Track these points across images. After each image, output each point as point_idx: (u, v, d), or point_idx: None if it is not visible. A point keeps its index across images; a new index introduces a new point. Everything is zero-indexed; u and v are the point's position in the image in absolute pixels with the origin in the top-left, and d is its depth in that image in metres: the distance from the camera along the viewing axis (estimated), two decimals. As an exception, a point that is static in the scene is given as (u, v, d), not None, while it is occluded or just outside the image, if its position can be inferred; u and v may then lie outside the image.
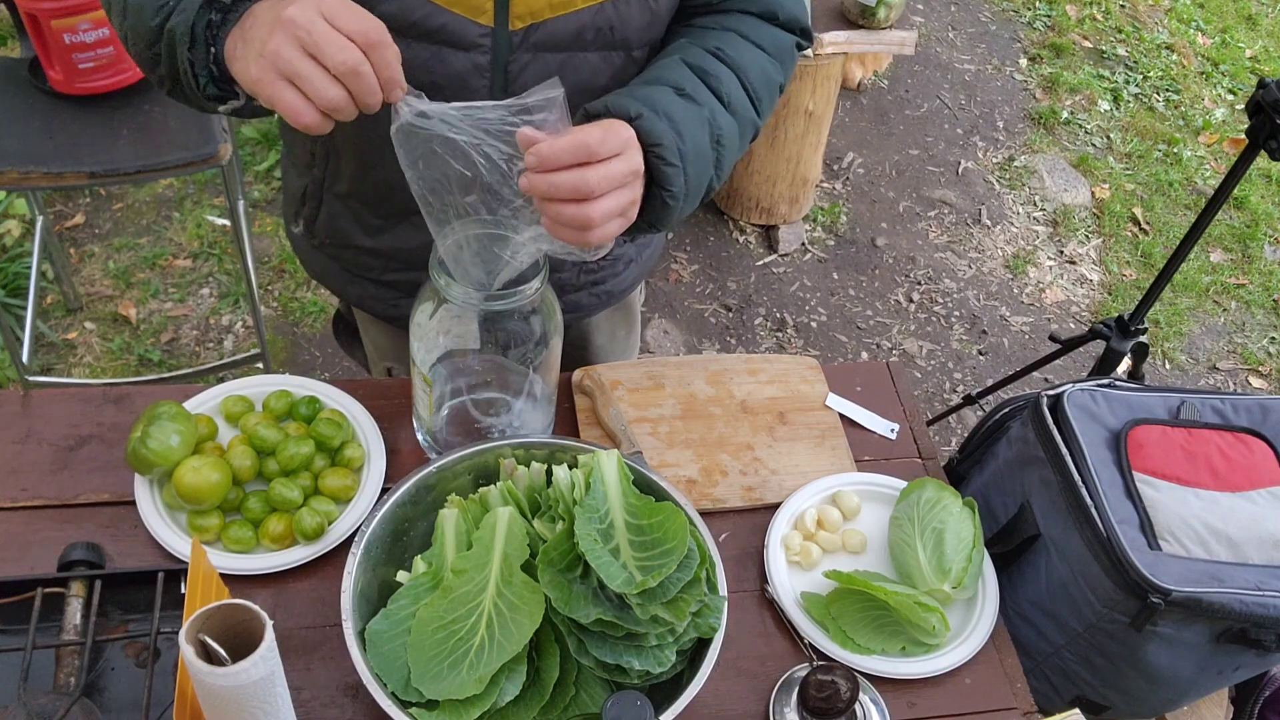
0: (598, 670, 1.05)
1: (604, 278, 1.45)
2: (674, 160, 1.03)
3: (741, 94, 1.14)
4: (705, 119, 1.07)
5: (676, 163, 1.03)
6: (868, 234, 3.31)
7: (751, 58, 1.15)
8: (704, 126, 1.07)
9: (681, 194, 1.05)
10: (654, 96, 1.04)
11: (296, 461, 1.25)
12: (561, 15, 1.08)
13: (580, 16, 1.09)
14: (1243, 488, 1.30)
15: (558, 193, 0.94)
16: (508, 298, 1.11)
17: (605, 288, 1.46)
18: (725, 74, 1.12)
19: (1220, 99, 4.04)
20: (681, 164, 1.04)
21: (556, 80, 0.95)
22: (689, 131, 1.05)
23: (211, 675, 0.85)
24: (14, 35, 3.14)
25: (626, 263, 1.46)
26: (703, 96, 1.09)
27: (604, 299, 1.48)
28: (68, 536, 1.19)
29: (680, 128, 1.03)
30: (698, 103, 1.07)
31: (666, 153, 1.02)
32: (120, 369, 2.61)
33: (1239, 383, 3.10)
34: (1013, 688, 1.23)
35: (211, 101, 1.00)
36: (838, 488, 1.38)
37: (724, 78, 1.12)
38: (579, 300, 1.45)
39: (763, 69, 1.16)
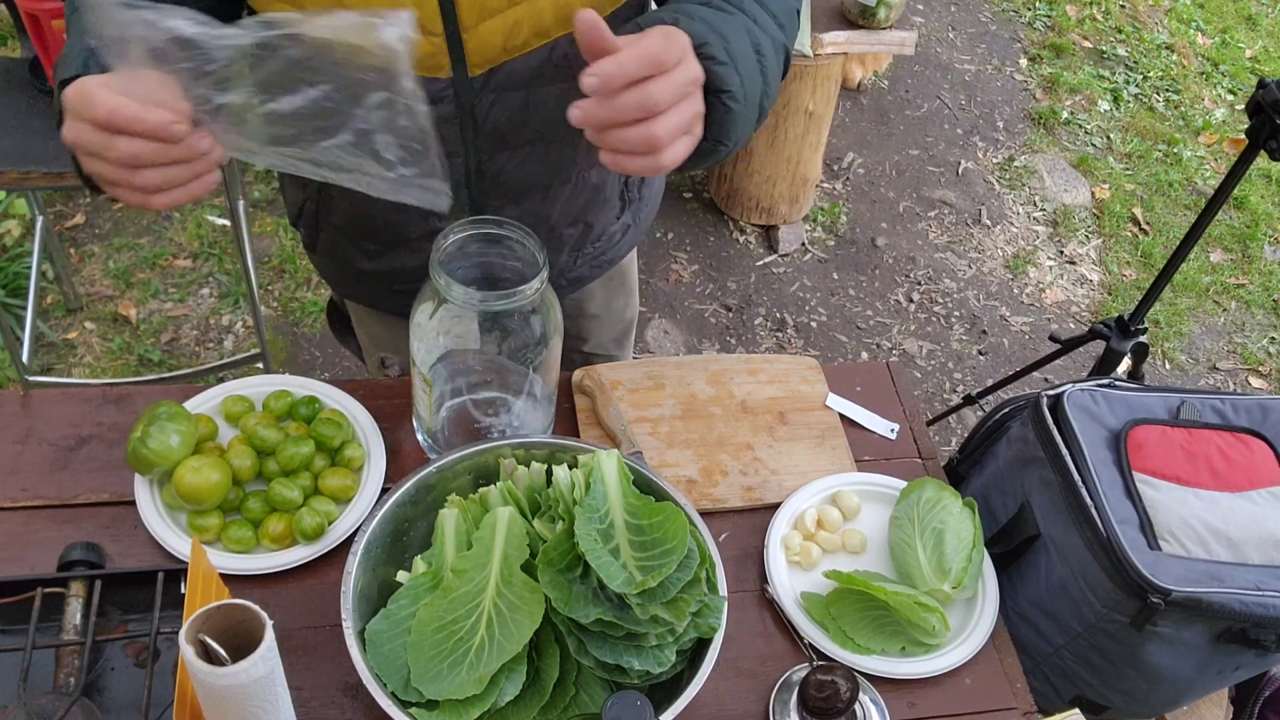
0: (598, 670, 1.05)
1: (600, 250, 1.44)
2: (724, 59, 0.94)
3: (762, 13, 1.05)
4: (742, 26, 0.99)
5: (727, 60, 0.94)
6: (868, 234, 3.31)
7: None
8: (742, 33, 0.98)
9: (741, 95, 0.96)
10: (688, 10, 0.97)
11: (296, 461, 1.26)
12: (518, 56, 1.10)
13: (535, 55, 1.11)
14: (1243, 488, 1.30)
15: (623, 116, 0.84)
16: (508, 298, 1.11)
17: (605, 257, 1.47)
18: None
19: (1220, 99, 4.04)
20: (732, 62, 0.95)
21: None
22: (731, 34, 0.97)
23: (211, 675, 0.85)
24: (14, 35, 3.14)
25: (623, 230, 1.46)
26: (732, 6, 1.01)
27: (603, 266, 1.48)
28: (68, 536, 1.19)
29: (722, 30, 0.96)
30: (729, 11, 1.00)
31: (715, 50, 0.93)
32: (120, 369, 2.61)
33: (1239, 383, 3.10)
34: (1013, 688, 1.23)
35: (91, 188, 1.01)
36: (838, 488, 1.38)
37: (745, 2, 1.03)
38: (579, 275, 1.46)
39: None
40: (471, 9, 1.04)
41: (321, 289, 2.86)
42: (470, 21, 1.05)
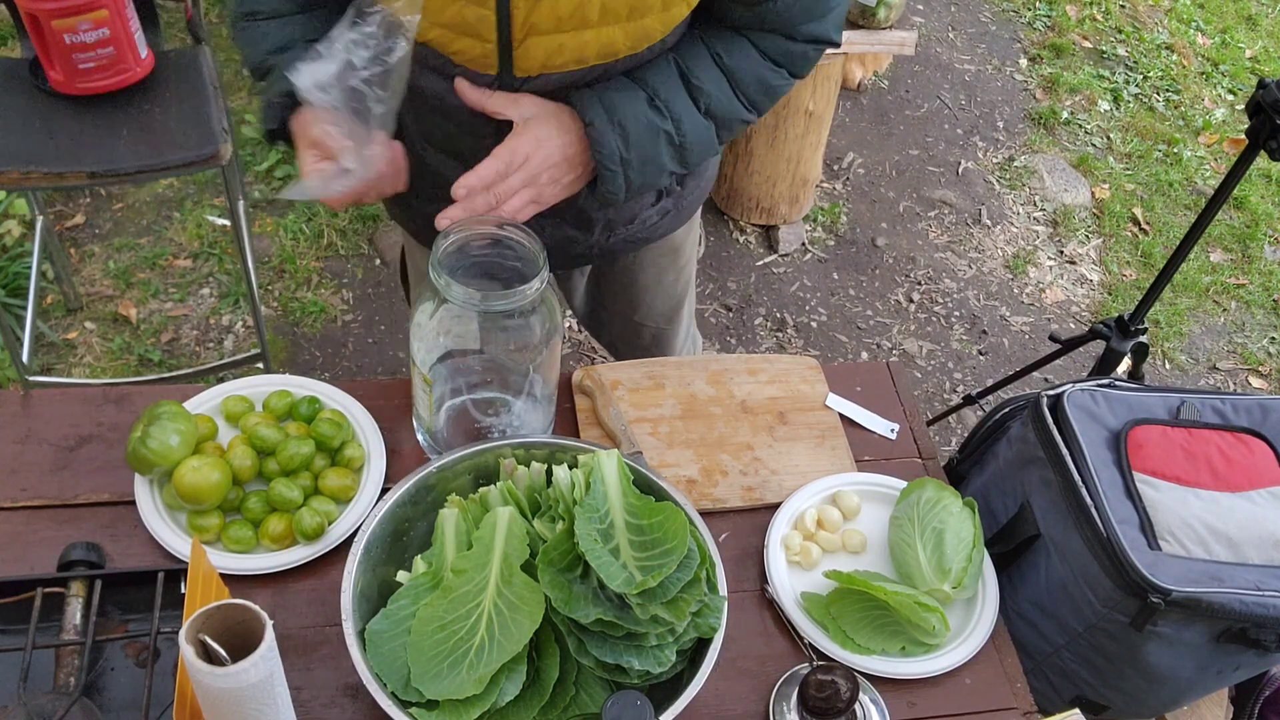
0: (598, 670, 1.05)
1: (634, 233, 1.50)
2: (613, 167, 1.20)
3: (730, 99, 1.24)
4: (664, 131, 1.22)
5: (615, 168, 1.21)
6: (868, 234, 3.31)
7: (750, 65, 1.23)
8: (658, 138, 1.22)
9: (620, 191, 1.23)
10: (618, 104, 1.19)
11: (296, 461, 1.26)
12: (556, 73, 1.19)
13: (572, 74, 1.20)
14: (1243, 488, 1.30)
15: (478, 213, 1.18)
16: (508, 298, 1.11)
17: (640, 236, 1.52)
18: (713, 80, 1.23)
19: (1220, 99, 4.04)
20: (621, 169, 1.21)
21: None
22: (639, 142, 1.20)
23: (211, 675, 0.85)
24: (14, 35, 3.14)
25: (662, 214, 1.51)
26: (676, 106, 1.22)
27: (636, 243, 1.52)
28: (68, 536, 1.19)
29: (630, 137, 1.20)
30: (664, 114, 1.21)
31: (608, 160, 1.20)
32: (120, 369, 2.61)
33: (1239, 383, 3.10)
34: (1013, 688, 1.23)
35: None
36: (838, 488, 1.38)
37: (709, 85, 1.22)
38: (611, 248, 1.50)
39: (759, 77, 1.25)
40: (523, 27, 1.13)
41: (322, 288, 2.86)
42: (520, 37, 1.15)
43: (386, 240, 2.96)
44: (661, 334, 1.79)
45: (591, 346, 2.83)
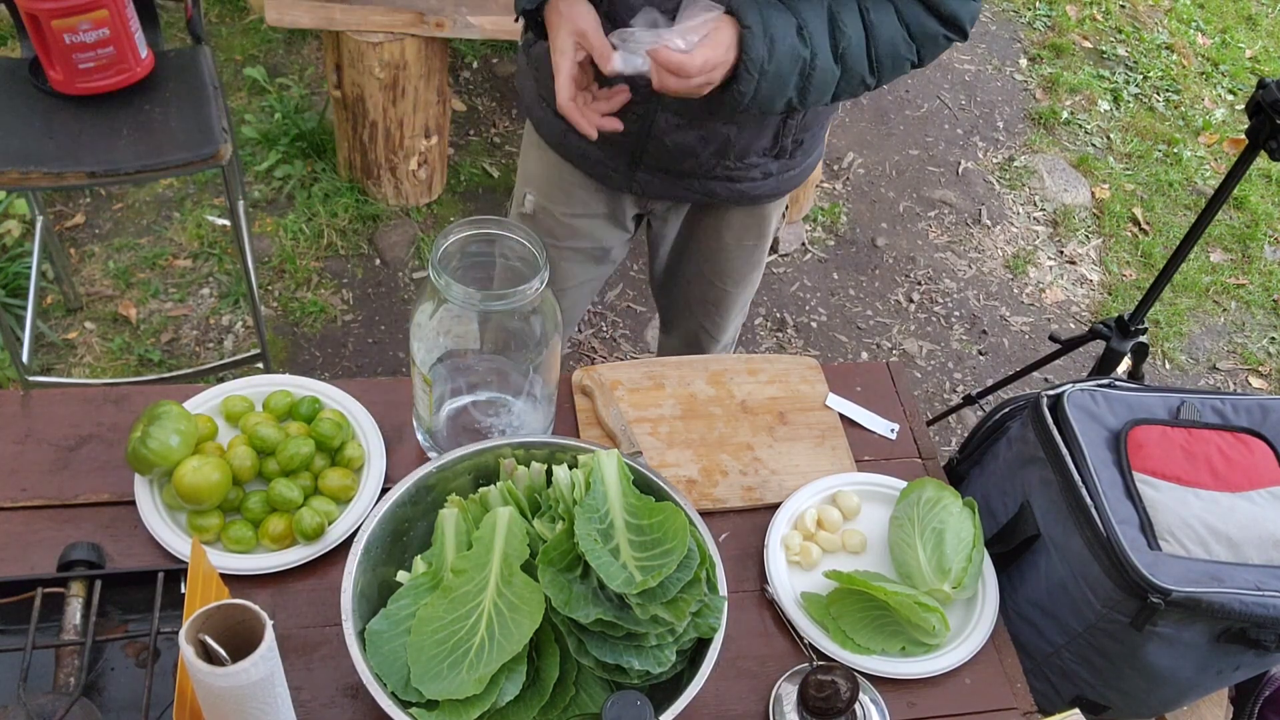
0: (598, 670, 1.05)
1: (738, 176, 1.53)
2: (754, 73, 1.27)
3: (862, 54, 1.32)
4: (801, 58, 1.29)
5: (754, 74, 1.27)
6: (868, 234, 3.31)
7: (889, 28, 1.31)
8: (796, 62, 1.29)
9: (749, 94, 1.30)
10: (773, 20, 1.26)
11: (296, 461, 1.25)
12: None
13: None
14: (1242, 488, 1.30)
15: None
16: (508, 298, 1.11)
17: (739, 187, 1.55)
18: (855, 29, 1.30)
19: (1220, 99, 4.04)
20: (758, 76, 1.28)
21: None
22: (779, 58, 1.27)
23: (211, 675, 0.85)
24: (14, 35, 3.14)
25: (764, 174, 1.54)
26: (818, 43, 1.29)
27: (735, 195, 1.56)
28: (68, 536, 1.19)
29: (775, 51, 1.27)
30: (806, 44, 1.29)
31: (751, 64, 1.26)
32: (120, 369, 2.61)
33: (1239, 383, 3.10)
34: (1013, 688, 1.23)
35: None
36: (838, 488, 1.38)
37: (852, 35, 1.30)
38: (713, 188, 1.54)
39: (893, 42, 1.32)
40: None
41: (322, 288, 2.86)
42: None
43: (386, 240, 2.96)
44: (728, 297, 1.81)
45: (591, 346, 2.84)
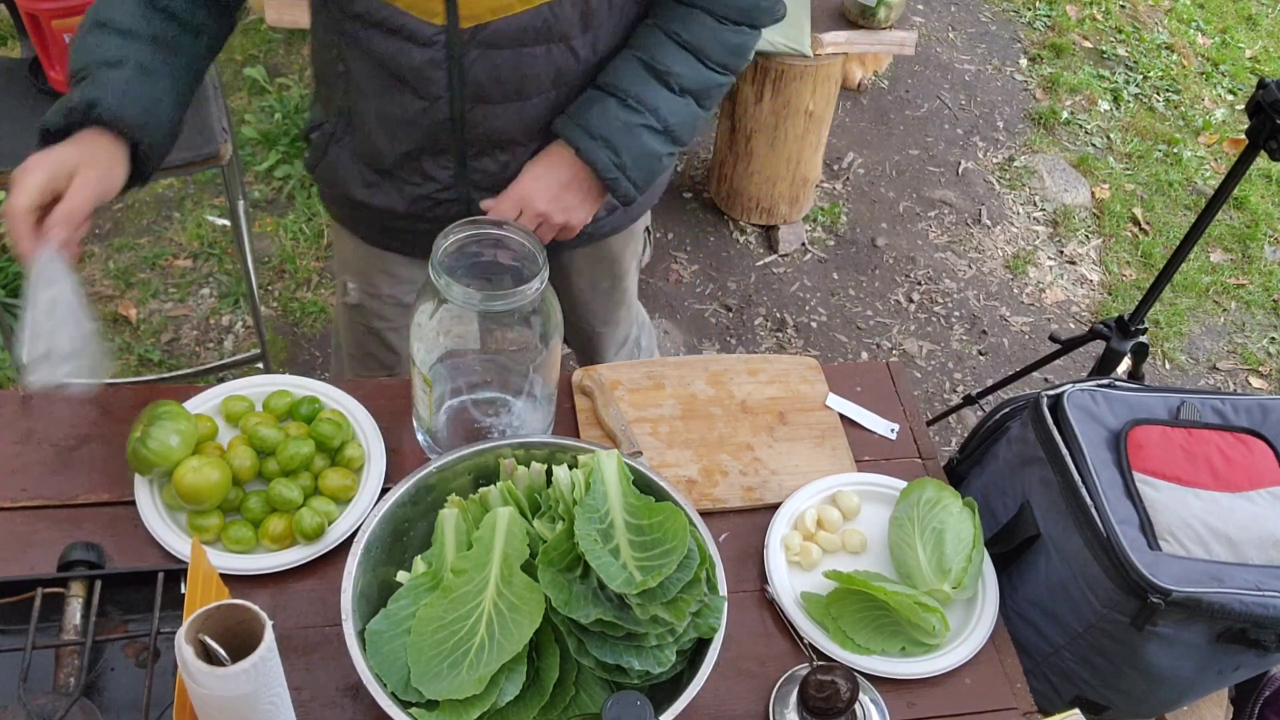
0: (598, 670, 1.05)
1: None
2: (612, 174, 1.30)
3: (699, 71, 1.30)
4: (643, 126, 1.29)
5: (615, 175, 1.30)
6: (868, 234, 3.31)
7: (710, 34, 1.29)
8: (640, 133, 1.29)
9: (628, 191, 1.32)
10: (593, 120, 1.28)
11: (296, 461, 1.25)
12: (502, 17, 1.21)
13: (519, 18, 1.22)
14: (1243, 488, 1.30)
15: None
16: (508, 298, 1.11)
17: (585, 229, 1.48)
18: (680, 60, 1.29)
19: (1220, 99, 4.04)
20: (620, 173, 1.30)
21: None
22: (626, 145, 1.29)
23: (211, 675, 0.85)
24: (14, 35, 3.14)
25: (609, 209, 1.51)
26: (649, 98, 1.29)
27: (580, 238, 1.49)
28: (68, 536, 1.19)
29: (616, 144, 1.28)
30: (639, 109, 1.28)
31: (605, 171, 1.29)
32: (120, 369, 2.61)
33: (1239, 383, 3.10)
34: (1013, 688, 1.23)
35: None
36: (838, 488, 1.38)
37: (677, 67, 1.29)
38: None
39: (723, 42, 1.30)
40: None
41: (322, 288, 2.86)
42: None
43: (386, 240, 2.96)
44: (603, 337, 1.83)
45: (591, 346, 2.83)
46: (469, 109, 1.30)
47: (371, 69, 1.28)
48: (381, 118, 1.33)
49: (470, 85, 1.27)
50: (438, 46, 1.23)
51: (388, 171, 1.40)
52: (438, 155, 1.36)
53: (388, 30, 1.23)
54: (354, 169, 1.43)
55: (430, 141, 1.34)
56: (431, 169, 1.38)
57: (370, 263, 1.58)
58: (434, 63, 1.25)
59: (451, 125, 1.31)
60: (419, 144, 1.34)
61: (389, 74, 1.27)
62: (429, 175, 1.38)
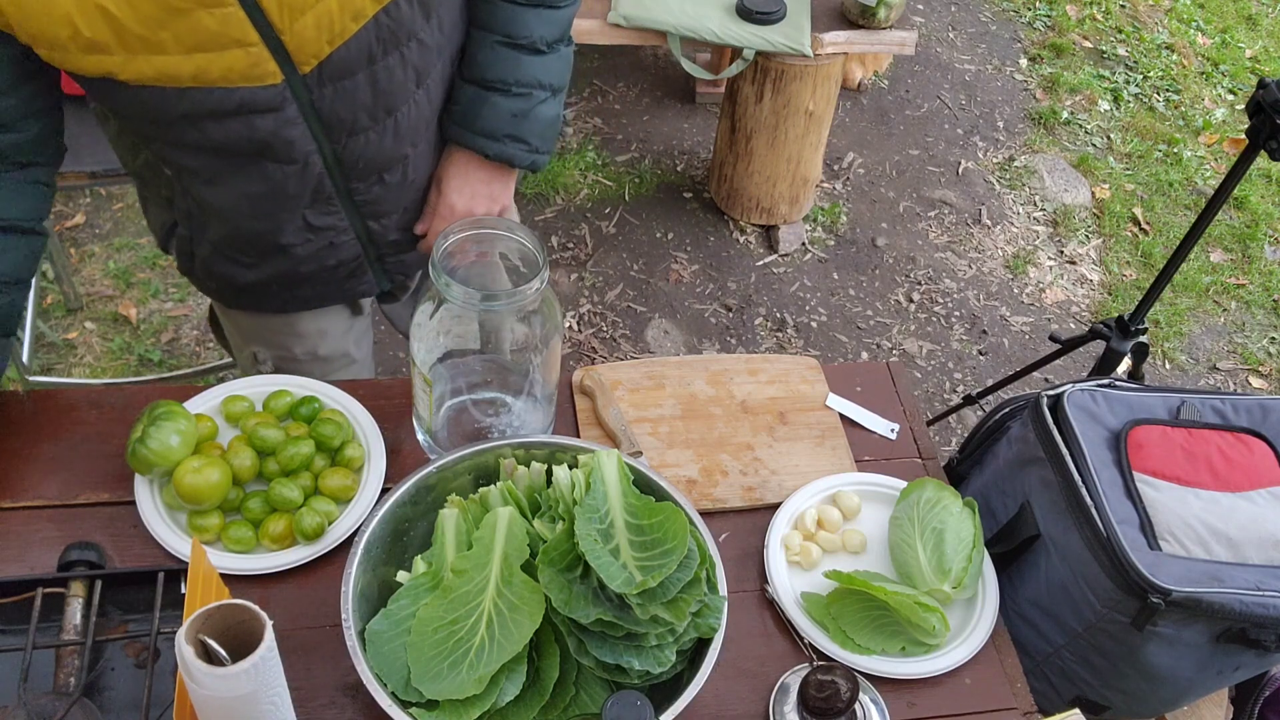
0: (598, 670, 1.05)
1: None
2: (526, 161, 1.31)
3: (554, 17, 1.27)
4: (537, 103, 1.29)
5: (529, 159, 1.32)
6: (868, 234, 3.31)
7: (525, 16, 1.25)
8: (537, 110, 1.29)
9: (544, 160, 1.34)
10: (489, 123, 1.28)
11: (296, 461, 1.25)
12: (340, 44, 1.10)
13: (359, 37, 1.11)
14: (1243, 488, 1.30)
15: None
16: (508, 298, 1.11)
17: None
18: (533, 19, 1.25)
19: (1220, 99, 4.04)
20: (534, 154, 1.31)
21: None
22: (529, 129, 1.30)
23: (211, 675, 0.85)
24: (14, 35, 3.14)
25: None
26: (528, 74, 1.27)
27: None
28: (68, 536, 1.19)
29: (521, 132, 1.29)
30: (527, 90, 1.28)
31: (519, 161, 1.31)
32: (120, 369, 2.61)
33: (1239, 383, 3.10)
34: (1013, 688, 1.23)
35: None
36: (838, 488, 1.38)
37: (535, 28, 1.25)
38: None
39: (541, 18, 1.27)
40: (281, 10, 1.04)
41: (321, 289, 2.86)
42: (284, 23, 1.05)
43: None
44: None
45: (592, 347, 2.84)
46: (342, 148, 1.20)
47: (212, 160, 1.17)
48: (243, 200, 1.23)
49: (333, 125, 1.17)
50: (287, 105, 1.12)
51: (271, 247, 1.31)
52: (321, 204, 1.26)
53: (223, 115, 1.11)
54: (231, 259, 1.34)
55: (309, 195, 1.24)
56: (318, 220, 1.28)
57: (277, 329, 1.48)
58: (288, 122, 1.14)
59: (329, 171, 1.22)
60: (297, 204, 1.24)
61: (237, 155, 1.16)
62: (318, 227, 1.29)
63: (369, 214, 1.32)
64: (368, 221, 1.33)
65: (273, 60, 1.08)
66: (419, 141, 1.28)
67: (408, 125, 1.24)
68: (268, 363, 1.53)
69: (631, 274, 3.05)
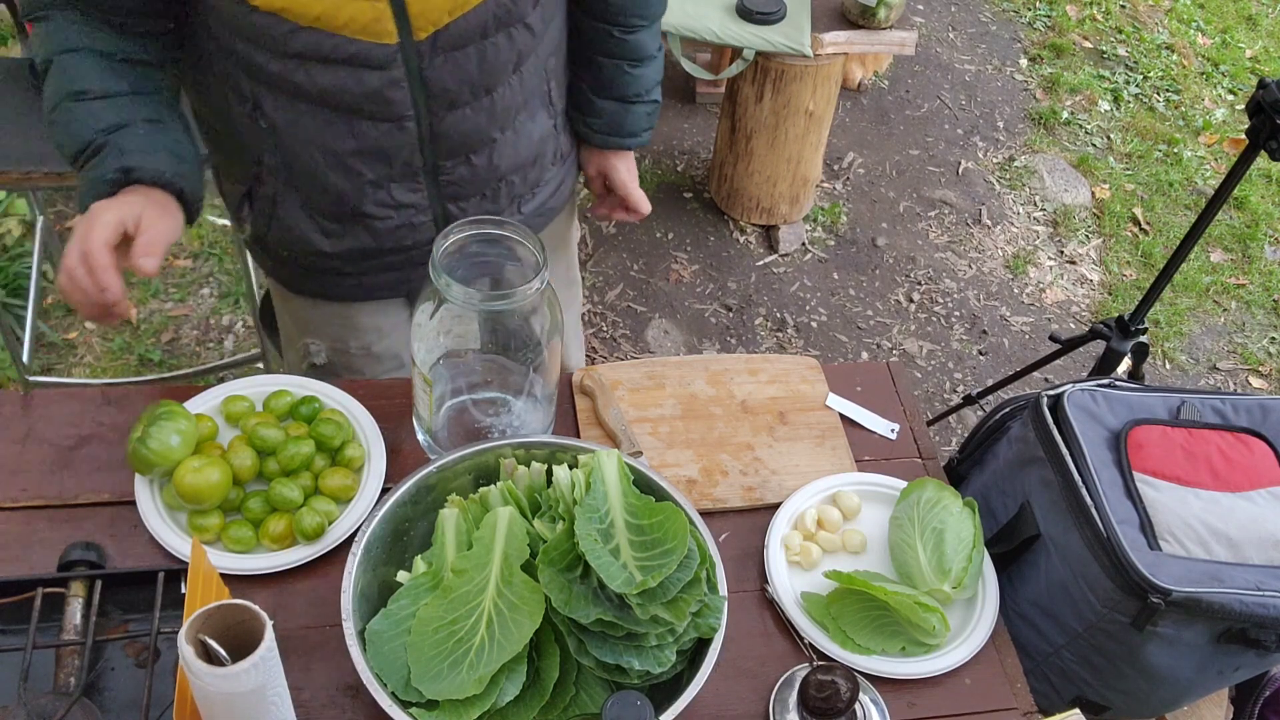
0: (598, 670, 1.05)
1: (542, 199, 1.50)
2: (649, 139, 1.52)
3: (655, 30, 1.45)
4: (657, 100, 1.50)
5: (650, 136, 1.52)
6: (868, 234, 3.31)
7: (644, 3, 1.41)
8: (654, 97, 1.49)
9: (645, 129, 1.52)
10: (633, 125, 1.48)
11: (297, 461, 1.25)
12: (460, 16, 1.16)
13: (477, 12, 1.17)
14: (1243, 488, 1.30)
15: None
16: (508, 298, 1.11)
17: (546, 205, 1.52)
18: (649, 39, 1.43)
19: (1220, 99, 4.04)
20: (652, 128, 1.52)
21: None
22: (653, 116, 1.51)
23: (211, 675, 0.85)
24: (14, 35, 3.14)
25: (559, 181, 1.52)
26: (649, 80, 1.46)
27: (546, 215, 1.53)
28: (68, 536, 1.19)
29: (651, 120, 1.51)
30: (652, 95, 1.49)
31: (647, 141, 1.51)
32: (120, 369, 2.61)
33: (1239, 383, 3.10)
34: (1013, 688, 1.23)
35: None
36: (838, 488, 1.38)
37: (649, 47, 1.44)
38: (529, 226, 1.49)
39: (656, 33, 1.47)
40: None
41: (321, 289, 2.86)
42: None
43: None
44: None
45: (592, 347, 2.83)
46: (438, 120, 1.24)
47: (310, 110, 1.20)
48: (334, 157, 1.25)
49: (436, 95, 1.21)
50: (395, 66, 1.16)
51: (352, 213, 1.32)
52: (407, 179, 1.29)
53: (334, 62, 1.15)
54: (311, 224, 1.34)
55: (399, 166, 1.27)
56: (402, 195, 1.31)
57: (335, 320, 1.49)
58: (393, 83, 1.18)
59: (421, 143, 1.26)
60: (385, 173, 1.27)
61: (337, 108, 1.20)
62: (401, 203, 1.31)
63: (450, 195, 1.34)
64: (447, 204, 1.35)
65: (393, 21, 1.13)
66: (507, 128, 1.32)
67: (501, 107, 1.29)
68: (321, 354, 1.55)
69: (631, 274, 3.05)
